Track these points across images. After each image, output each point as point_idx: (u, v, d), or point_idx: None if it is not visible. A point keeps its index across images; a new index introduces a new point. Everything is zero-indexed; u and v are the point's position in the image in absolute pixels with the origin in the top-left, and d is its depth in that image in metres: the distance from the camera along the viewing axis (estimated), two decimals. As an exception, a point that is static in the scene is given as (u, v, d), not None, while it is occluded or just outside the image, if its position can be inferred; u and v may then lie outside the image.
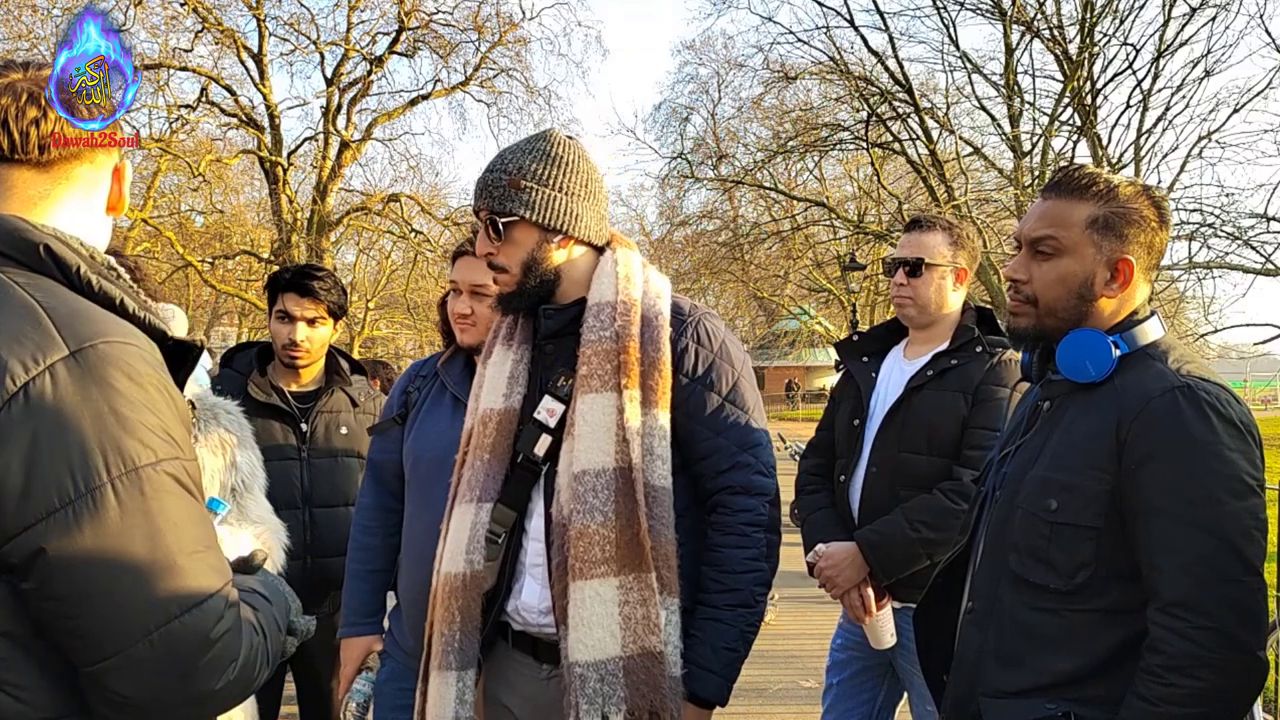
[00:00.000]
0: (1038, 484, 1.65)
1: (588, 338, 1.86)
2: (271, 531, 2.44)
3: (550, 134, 1.93)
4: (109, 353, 1.08)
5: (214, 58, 20.90)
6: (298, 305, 2.93)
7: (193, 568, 1.07)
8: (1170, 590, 1.48)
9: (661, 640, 1.75)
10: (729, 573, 1.84)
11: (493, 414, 1.95)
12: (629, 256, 1.95)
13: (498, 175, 1.86)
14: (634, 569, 1.76)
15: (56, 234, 1.16)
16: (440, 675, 1.88)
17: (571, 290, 1.93)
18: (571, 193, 1.87)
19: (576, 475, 1.79)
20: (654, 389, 1.83)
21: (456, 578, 1.89)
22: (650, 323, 1.87)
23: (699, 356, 1.89)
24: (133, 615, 1.03)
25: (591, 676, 1.74)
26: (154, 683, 1.05)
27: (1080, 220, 1.67)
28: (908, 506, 2.54)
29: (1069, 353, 1.66)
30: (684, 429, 1.87)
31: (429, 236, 24.02)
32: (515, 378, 1.97)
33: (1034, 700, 1.60)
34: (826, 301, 25.49)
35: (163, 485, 1.07)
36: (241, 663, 1.11)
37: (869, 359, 2.84)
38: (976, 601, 1.75)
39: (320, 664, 2.94)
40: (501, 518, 1.90)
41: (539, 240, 1.87)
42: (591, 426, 1.81)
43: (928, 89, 16.07)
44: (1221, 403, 1.54)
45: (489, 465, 1.92)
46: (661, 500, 1.80)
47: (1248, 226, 11.79)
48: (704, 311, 1.97)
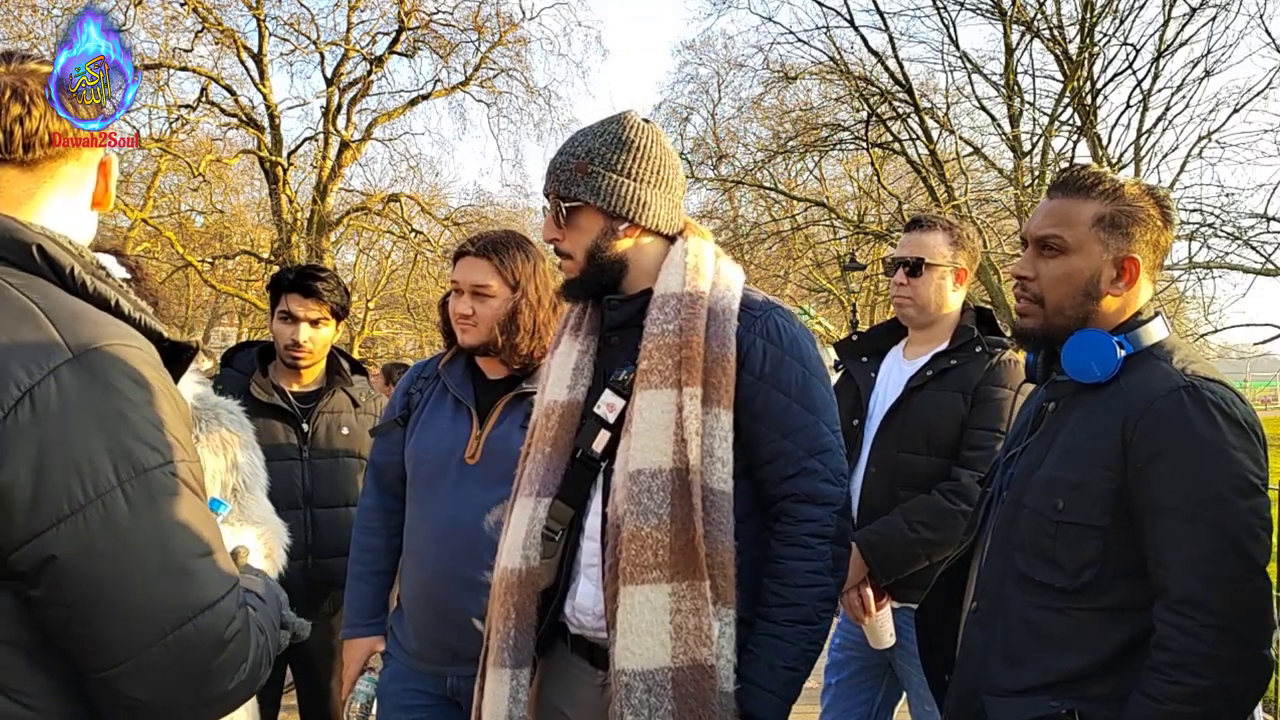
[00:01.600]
0: (1044, 484, 1.65)
1: (650, 330, 1.78)
2: (273, 532, 2.44)
3: (625, 117, 1.84)
4: (112, 355, 1.07)
5: (214, 58, 20.89)
6: (301, 306, 2.93)
7: (204, 570, 1.07)
8: (1176, 588, 1.49)
9: (714, 653, 1.67)
10: (790, 586, 1.72)
11: (556, 406, 1.89)
12: (701, 246, 1.87)
13: (566, 158, 1.80)
14: (687, 576, 1.67)
15: (47, 234, 1.14)
16: (495, 673, 1.83)
17: (639, 280, 1.86)
18: (641, 179, 1.80)
19: (632, 474, 1.72)
20: (717, 386, 1.73)
21: (513, 573, 1.83)
22: (717, 316, 1.78)
23: (767, 353, 1.78)
24: (147, 619, 1.02)
25: (638, 686, 1.66)
26: (169, 686, 1.04)
27: (1086, 219, 1.68)
28: (906, 507, 2.54)
29: (1074, 353, 1.66)
30: (749, 430, 1.76)
31: (429, 236, 24.00)
32: (580, 369, 1.90)
33: (1039, 698, 1.60)
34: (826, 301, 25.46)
35: (171, 488, 1.06)
36: (251, 662, 1.11)
37: (868, 359, 2.84)
38: (982, 600, 1.75)
39: (320, 664, 2.94)
40: (559, 514, 1.83)
41: (605, 227, 1.81)
42: (649, 424, 1.73)
43: (928, 89, 16.07)
44: (1226, 402, 1.54)
45: (550, 459, 1.86)
46: (720, 505, 1.71)
47: (1248, 226, 11.78)
48: (777, 305, 1.86)
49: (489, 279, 2.32)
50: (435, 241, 23.67)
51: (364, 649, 2.46)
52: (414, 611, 2.36)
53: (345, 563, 2.55)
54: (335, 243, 23.69)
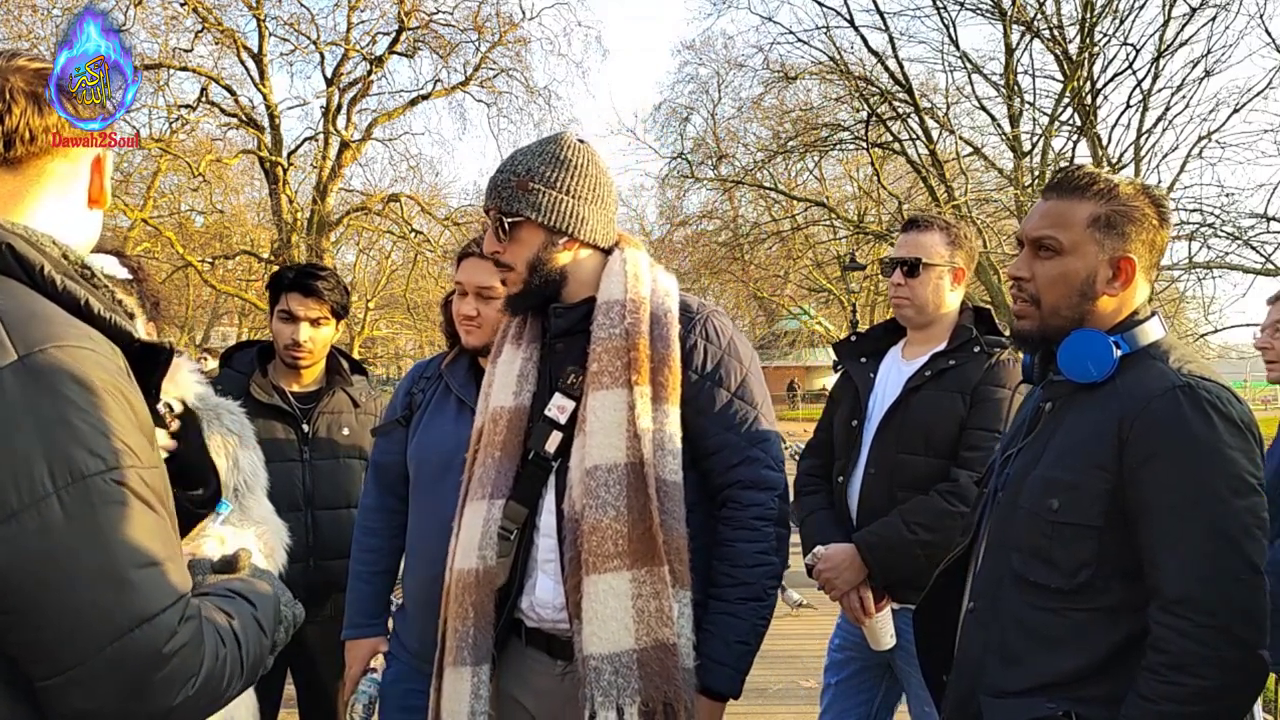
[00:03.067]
0: (1040, 484, 1.65)
1: (598, 335, 1.89)
2: (273, 532, 2.44)
3: (562, 138, 1.95)
4: (59, 358, 1.03)
5: (214, 58, 20.90)
6: (301, 305, 2.92)
7: (144, 581, 1.03)
8: (1172, 588, 1.49)
9: (675, 632, 1.78)
10: (740, 567, 1.86)
11: (503, 411, 1.97)
12: (637, 256, 1.98)
13: (507, 176, 1.89)
14: (647, 562, 1.78)
15: (24, 232, 1.12)
16: (455, 671, 1.90)
17: (578, 290, 1.96)
18: (578, 196, 1.90)
19: (589, 470, 1.82)
20: (664, 385, 1.85)
21: (469, 574, 1.91)
22: (659, 320, 1.90)
23: (708, 353, 1.92)
24: (83, 630, 1.00)
25: (606, 669, 1.76)
26: (108, 699, 1.01)
27: (1082, 219, 1.68)
28: (905, 508, 2.54)
29: (1070, 353, 1.66)
30: (693, 425, 1.89)
31: (429, 236, 24.01)
32: (525, 376, 1.99)
33: (1035, 699, 1.60)
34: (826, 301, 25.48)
35: (113, 495, 1.02)
36: (203, 677, 1.06)
37: (867, 359, 2.84)
38: (978, 601, 1.75)
39: (322, 665, 2.93)
40: (513, 514, 1.92)
41: (545, 241, 1.90)
42: (603, 422, 1.83)
43: (928, 89, 16.06)
44: (1223, 401, 1.54)
45: (500, 462, 1.94)
46: (673, 495, 1.83)
47: (1248, 226, 11.79)
48: (712, 309, 1.99)
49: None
50: (435, 241, 23.69)
51: (366, 649, 2.46)
52: (417, 612, 2.36)
53: (347, 564, 2.54)
54: (335, 243, 23.70)
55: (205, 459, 1.63)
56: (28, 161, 1.17)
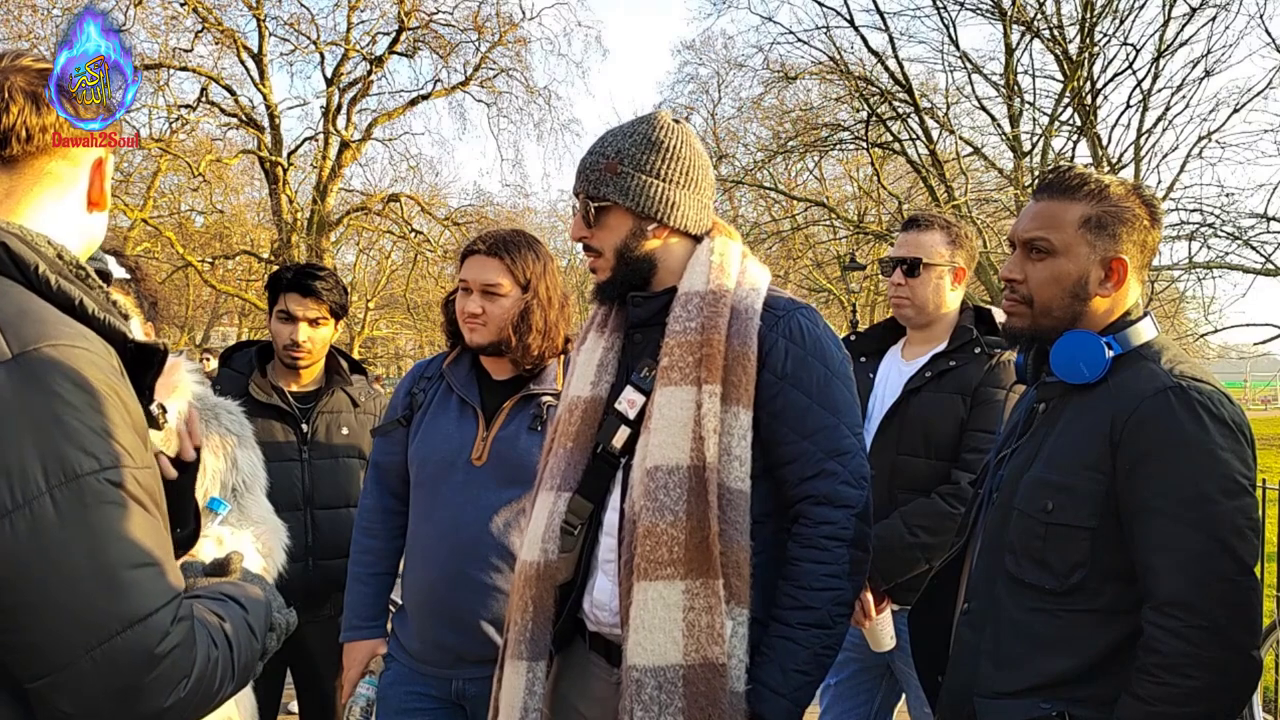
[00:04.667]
0: (1033, 485, 1.65)
1: (672, 328, 1.79)
2: (272, 532, 2.44)
3: (656, 118, 1.85)
4: (53, 356, 1.03)
5: (214, 58, 20.90)
6: (300, 305, 2.92)
7: (136, 581, 1.02)
8: (1165, 589, 1.49)
9: (725, 652, 1.66)
10: (805, 589, 1.70)
11: (579, 402, 1.90)
12: (728, 246, 1.88)
13: (596, 158, 1.81)
14: (701, 574, 1.67)
15: (18, 232, 1.11)
16: (512, 665, 1.84)
17: (666, 279, 1.87)
18: (670, 180, 1.81)
19: (649, 471, 1.72)
20: (737, 385, 1.73)
21: (532, 566, 1.84)
22: (740, 315, 1.78)
23: (789, 353, 1.77)
24: (73, 631, 0.99)
25: (649, 682, 1.66)
26: (98, 700, 1.00)
27: (1073, 220, 1.68)
28: (905, 511, 2.54)
29: (1063, 354, 1.66)
30: (769, 430, 1.76)
31: (429, 236, 24.02)
32: (604, 365, 1.92)
33: (1029, 700, 1.60)
34: (826, 301, 25.45)
35: (105, 495, 1.02)
36: (195, 678, 1.05)
37: (867, 359, 2.83)
38: (973, 602, 1.76)
39: (321, 666, 2.93)
40: (578, 509, 1.84)
41: (633, 227, 1.82)
42: (668, 421, 1.73)
43: (928, 89, 16.06)
44: (1214, 402, 1.54)
45: (571, 454, 1.87)
46: (736, 504, 1.70)
47: (1248, 226, 11.79)
48: (801, 306, 1.86)
49: (500, 278, 2.31)
50: (435, 241, 23.69)
51: (364, 651, 2.44)
52: (417, 613, 2.35)
53: (346, 564, 2.53)
54: (335, 243, 23.71)
55: (192, 501, 1.64)
56: (24, 161, 1.16)
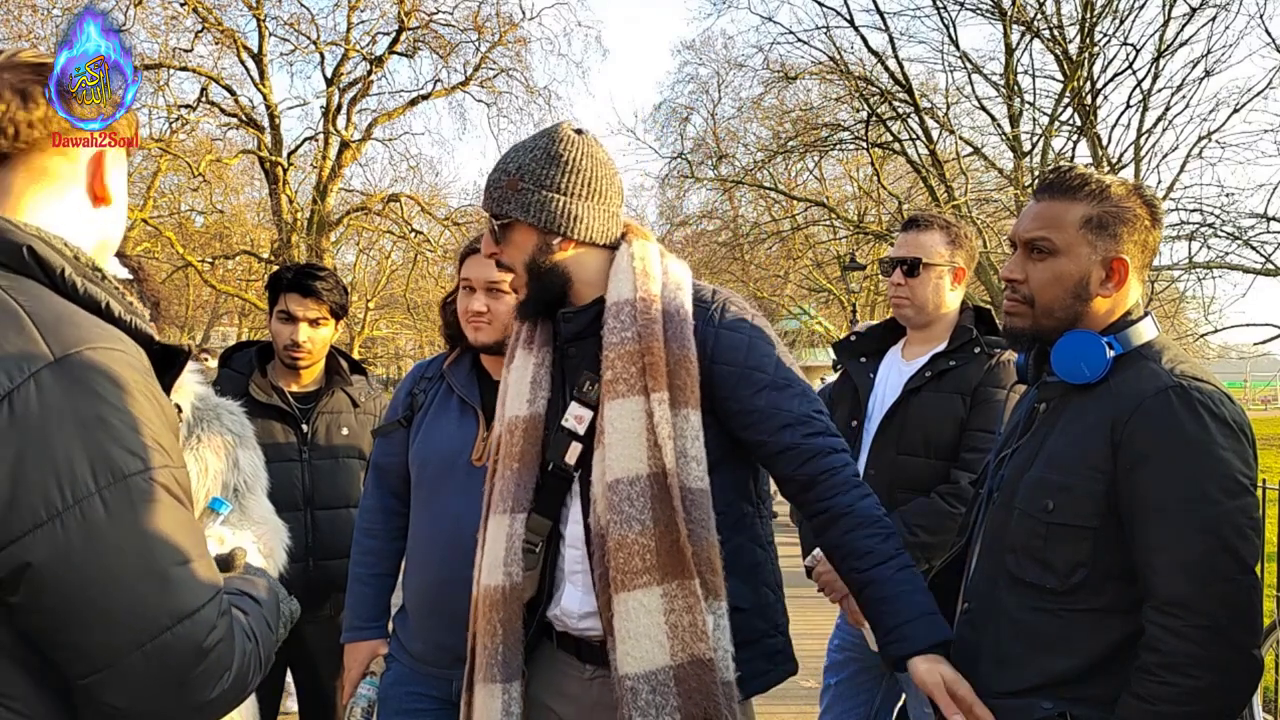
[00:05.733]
0: (1034, 485, 1.65)
1: (609, 340, 1.80)
2: (273, 532, 2.44)
3: (557, 131, 1.86)
4: (95, 359, 1.05)
5: (214, 58, 20.91)
6: (300, 305, 2.92)
7: (184, 578, 1.05)
8: (1166, 589, 1.49)
9: (710, 646, 1.71)
10: (877, 523, 1.76)
11: (519, 421, 1.90)
12: (646, 249, 1.88)
13: (498, 175, 1.83)
14: (676, 576, 1.71)
15: (40, 234, 1.12)
16: (485, 688, 1.85)
17: (586, 290, 1.88)
18: (571, 193, 1.81)
19: (610, 484, 1.74)
20: (683, 388, 1.76)
21: (496, 590, 1.86)
22: (673, 317, 1.80)
23: (735, 343, 1.82)
24: (125, 628, 1.01)
25: (643, 688, 1.70)
26: (148, 695, 1.03)
27: (1074, 220, 1.68)
28: (905, 511, 2.54)
29: (1063, 354, 1.67)
30: (744, 415, 1.79)
31: (429, 236, 24.02)
32: (538, 382, 1.92)
33: (1031, 700, 1.60)
34: (826, 301, 25.46)
35: (152, 494, 1.04)
36: (235, 671, 1.09)
37: (866, 359, 2.83)
38: (973, 602, 1.76)
39: (321, 667, 2.93)
40: (537, 527, 1.86)
41: (539, 242, 1.83)
42: (621, 433, 1.75)
43: (928, 89, 16.06)
44: (1215, 402, 1.54)
45: (519, 475, 1.88)
46: (699, 503, 1.74)
47: (1248, 226, 11.78)
48: (726, 295, 1.90)
49: (503, 275, 2.31)
50: (435, 241, 23.70)
51: (365, 652, 2.44)
52: (418, 614, 2.35)
53: (346, 564, 2.53)
54: (335, 243, 23.71)
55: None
56: (17, 158, 1.16)
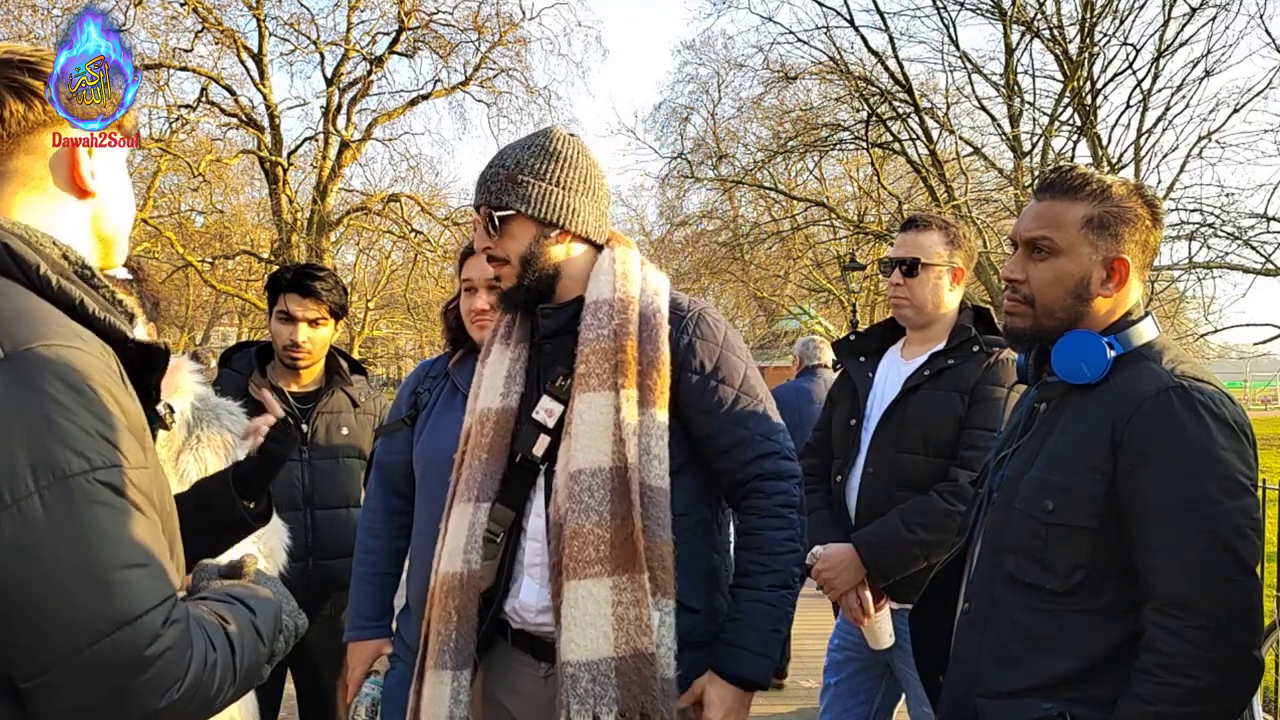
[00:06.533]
0: (1034, 485, 1.65)
1: (585, 336, 1.86)
2: (273, 532, 2.44)
3: (551, 131, 1.93)
4: (45, 356, 1.02)
5: (214, 58, 20.93)
6: (299, 306, 2.92)
7: (126, 583, 1.01)
8: (1166, 590, 1.49)
9: (654, 642, 1.75)
10: (770, 554, 1.84)
11: (490, 413, 1.95)
12: (627, 254, 1.95)
13: (496, 170, 1.88)
14: (627, 569, 1.76)
15: (22, 232, 1.11)
16: (435, 674, 1.89)
17: (570, 288, 1.93)
18: (569, 188, 1.88)
19: (573, 475, 1.80)
20: (652, 388, 1.82)
21: (454, 577, 1.89)
22: (648, 320, 1.86)
23: (705, 351, 1.89)
24: (63, 632, 0.98)
25: (584, 676, 1.74)
26: (88, 701, 0.99)
27: (1075, 220, 1.68)
28: (904, 508, 2.54)
29: (1064, 354, 1.67)
30: (702, 425, 1.87)
31: (429, 236, 24.03)
32: (513, 377, 1.97)
33: (1031, 700, 1.60)
34: (826, 301, 25.45)
35: (95, 495, 1.01)
36: (190, 681, 1.04)
37: (866, 359, 2.84)
38: (973, 603, 1.76)
39: (322, 666, 2.93)
40: (500, 517, 1.90)
41: (536, 235, 1.88)
42: (589, 426, 1.81)
43: (928, 89, 16.06)
44: (1215, 403, 1.54)
45: (487, 465, 1.92)
46: (658, 500, 1.80)
47: (1248, 226, 11.79)
48: (702, 306, 1.96)
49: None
50: (435, 241, 23.70)
51: (369, 651, 2.44)
52: (421, 613, 2.35)
53: (347, 564, 2.53)
54: (335, 243, 23.72)
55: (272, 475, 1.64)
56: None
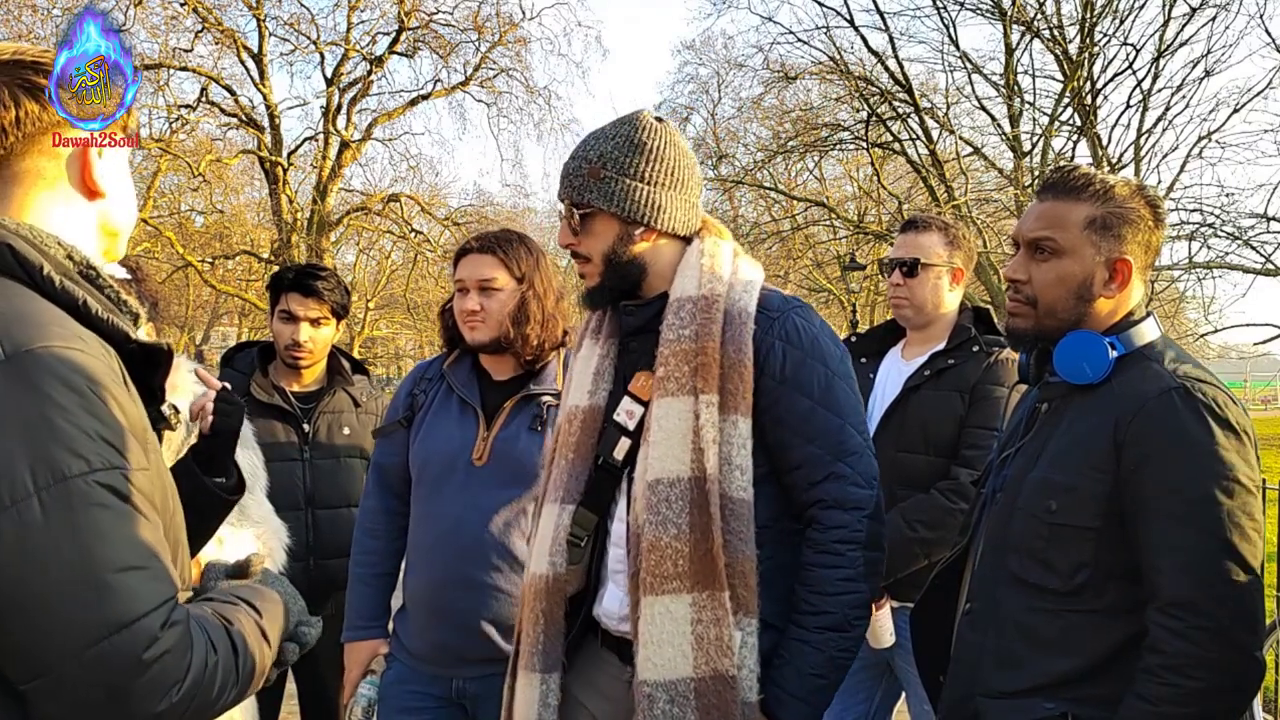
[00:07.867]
0: (1037, 485, 1.65)
1: (666, 336, 1.76)
2: (272, 532, 2.44)
3: (638, 118, 1.81)
4: (45, 358, 1.02)
5: (214, 58, 20.89)
6: (301, 305, 2.92)
7: (124, 585, 1.00)
8: (1168, 590, 1.49)
9: (735, 663, 1.65)
10: (820, 594, 1.70)
11: (577, 411, 1.88)
12: (718, 246, 1.84)
13: (579, 163, 1.79)
14: (707, 586, 1.66)
15: (27, 233, 1.11)
16: (525, 676, 1.83)
17: (658, 283, 1.84)
18: (655, 182, 1.78)
19: (650, 484, 1.71)
20: (734, 393, 1.70)
21: (540, 579, 1.84)
22: (734, 320, 1.74)
23: (787, 356, 1.74)
24: (60, 634, 0.97)
25: (661, 697, 1.66)
26: (86, 704, 0.99)
27: (1078, 221, 1.68)
28: (905, 507, 2.54)
29: (1066, 355, 1.66)
30: (773, 436, 1.74)
31: (429, 236, 24.02)
32: (600, 374, 1.89)
33: (1032, 700, 1.60)
34: (826, 301, 25.45)
35: (94, 498, 1.00)
36: (189, 684, 1.03)
37: (867, 360, 2.84)
38: (975, 602, 1.76)
39: (323, 666, 2.93)
40: (583, 520, 1.83)
41: (620, 232, 1.79)
42: (666, 433, 1.71)
43: (928, 89, 16.07)
44: (1217, 404, 1.54)
45: (572, 465, 1.85)
46: (739, 513, 1.69)
47: (1248, 226, 11.81)
48: (796, 305, 1.82)
49: (495, 273, 2.32)
50: (435, 241, 23.70)
51: (366, 651, 2.44)
52: (418, 613, 2.35)
53: (347, 564, 2.54)
54: (335, 243, 23.71)
55: (231, 448, 1.65)
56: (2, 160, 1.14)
